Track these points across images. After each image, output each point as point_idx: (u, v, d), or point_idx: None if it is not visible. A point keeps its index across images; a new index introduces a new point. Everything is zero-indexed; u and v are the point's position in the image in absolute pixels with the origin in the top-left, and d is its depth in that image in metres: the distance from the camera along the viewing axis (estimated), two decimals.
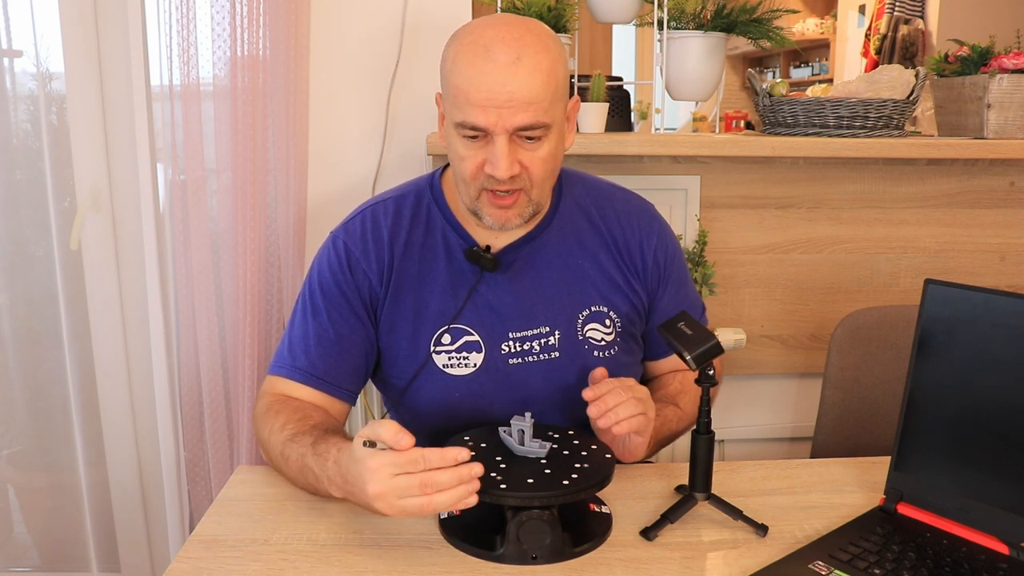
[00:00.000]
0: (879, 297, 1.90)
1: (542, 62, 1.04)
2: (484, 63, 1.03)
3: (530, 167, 1.07)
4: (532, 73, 1.03)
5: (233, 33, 1.60)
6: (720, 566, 0.92)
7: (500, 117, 1.03)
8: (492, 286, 1.18)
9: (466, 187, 1.11)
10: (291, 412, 1.11)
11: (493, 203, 1.10)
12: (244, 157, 1.63)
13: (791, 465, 1.19)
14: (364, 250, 1.18)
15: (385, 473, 0.88)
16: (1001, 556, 0.93)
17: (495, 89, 1.02)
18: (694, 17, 1.80)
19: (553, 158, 1.10)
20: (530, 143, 1.07)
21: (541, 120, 1.05)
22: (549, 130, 1.07)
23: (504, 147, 1.04)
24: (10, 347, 1.85)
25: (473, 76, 1.03)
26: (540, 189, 1.11)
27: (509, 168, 1.05)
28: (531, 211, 1.13)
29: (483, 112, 1.03)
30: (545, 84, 1.04)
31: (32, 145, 1.78)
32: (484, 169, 1.07)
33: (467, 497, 0.88)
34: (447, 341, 1.17)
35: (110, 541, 1.93)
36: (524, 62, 1.03)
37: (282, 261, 1.75)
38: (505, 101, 1.02)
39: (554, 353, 1.18)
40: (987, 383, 0.96)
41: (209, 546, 0.96)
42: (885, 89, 1.80)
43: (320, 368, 1.16)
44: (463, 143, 1.07)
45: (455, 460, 0.88)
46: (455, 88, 1.05)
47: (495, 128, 1.04)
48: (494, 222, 1.11)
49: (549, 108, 1.06)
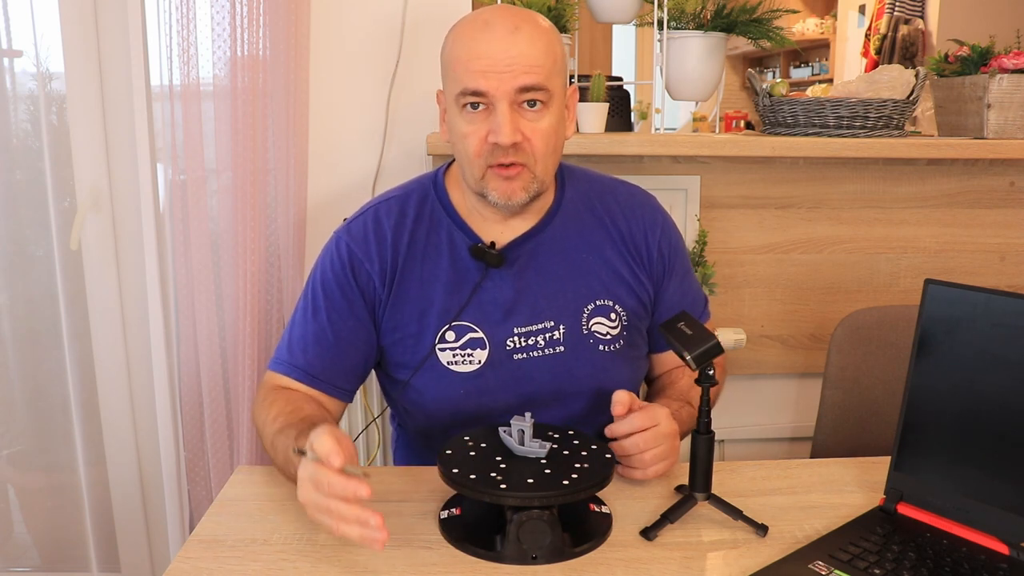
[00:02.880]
0: (879, 297, 1.90)
1: (541, 34, 1.08)
2: (483, 33, 1.06)
3: (532, 138, 1.08)
4: (532, 40, 1.06)
5: (233, 33, 1.60)
6: (720, 566, 0.92)
7: (501, 81, 1.05)
8: (496, 282, 1.18)
9: (471, 166, 1.11)
10: (284, 403, 1.12)
11: (499, 176, 1.10)
12: (244, 157, 1.63)
13: (791, 465, 1.19)
14: (366, 250, 1.18)
15: (308, 485, 0.88)
16: (1001, 556, 0.93)
17: (495, 56, 1.04)
18: (694, 17, 1.80)
19: (554, 134, 1.11)
20: (531, 112, 1.08)
21: (542, 83, 1.06)
22: (550, 99, 1.08)
23: (506, 112, 1.05)
24: (10, 347, 1.86)
25: (473, 46, 1.06)
26: (543, 165, 1.11)
27: (512, 134, 1.06)
28: (535, 188, 1.12)
29: (483, 77, 1.05)
30: (545, 52, 1.07)
31: (32, 145, 1.78)
32: (488, 139, 1.07)
33: (369, 539, 0.84)
34: (451, 338, 1.17)
35: (110, 541, 1.93)
36: (523, 31, 1.06)
37: (282, 261, 1.75)
38: (506, 66, 1.04)
39: (559, 348, 1.18)
40: (987, 383, 0.96)
41: (209, 546, 0.96)
42: (885, 89, 1.80)
43: (317, 367, 1.17)
44: (465, 117, 1.08)
45: (354, 495, 0.84)
46: (454, 61, 1.07)
47: (496, 92, 1.05)
48: (499, 197, 1.11)
49: (550, 75, 1.07)
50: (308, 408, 1.12)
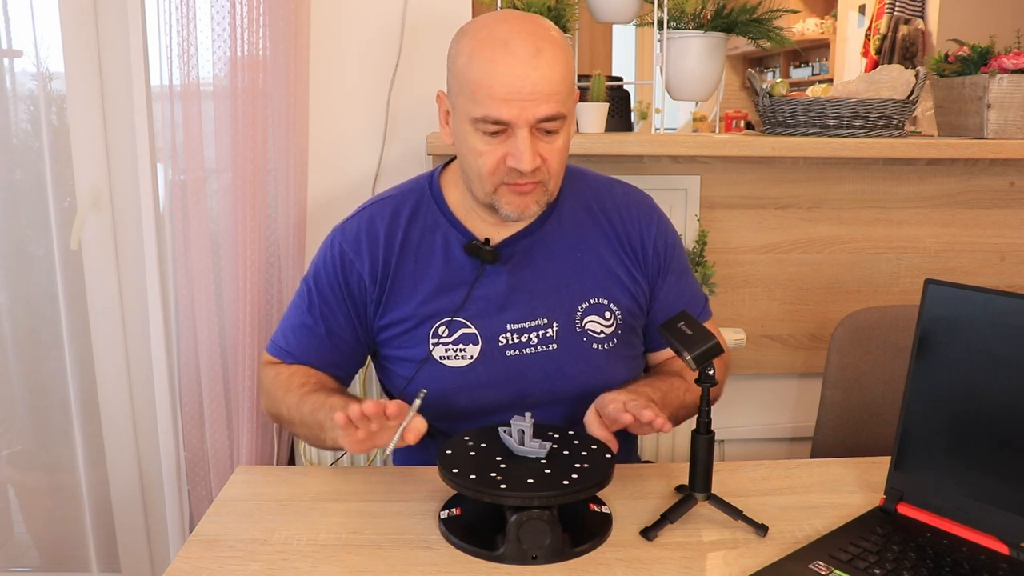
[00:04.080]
0: (879, 297, 1.90)
1: (559, 54, 1.07)
2: (504, 56, 1.04)
3: (549, 159, 1.09)
4: (552, 66, 1.05)
5: (233, 33, 1.60)
6: (720, 566, 0.92)
7: (523, 110, 1.04)
8: (490, 279, 1.18)
9: (482, 182, 1.11)
10: (304, 376, 1.21)
11: (513, 191, 1.10)
12: (244, 157, 1.63)
13: (791, 465, 1.19)
14: (357, 250, 1.20)
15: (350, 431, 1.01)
16: (1001, 556, 0.93)
17: (518, 83, 1.03)
18: (694, 17, 1.80)
19: (567, 150, 1.13)
20: (548, 136, 1.08)
21: (561, 111, 1.07)
22: (565, 121, 1.09)
23: (527, 140, 1.06)
24: (10, 347, 1.85)
25: (494, 70, 1.04)
26: (556, 181, 1.13)
27: (533, 161, 1.06)
28: (546, 201, 1.14)
29: (506, 105, 1.04)
30: (563, 76, 1.07)
31: (32, 145, 1.78)
32: (506, 163, 1.08)
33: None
34: (444, 334, 1.18)
35: (110, 541, 1.93)
36: (544, 55, 1.05)
37: (282, 261, 1.75)
38: (529, 94, 1.04)
39: (552, 345, 1.19)
40: (987, 383, 0.96)
41: (209, 546, 0.96)
42: (885, 89, 1.80)
43: (305, 360, 1.23)
44: (482, 139, 1.08)
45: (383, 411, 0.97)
46: (473, 84, 1.06)
47: (518, 121, 1.05)
48: (513, 211, 1.12)
49: (567, 99, 1.08)
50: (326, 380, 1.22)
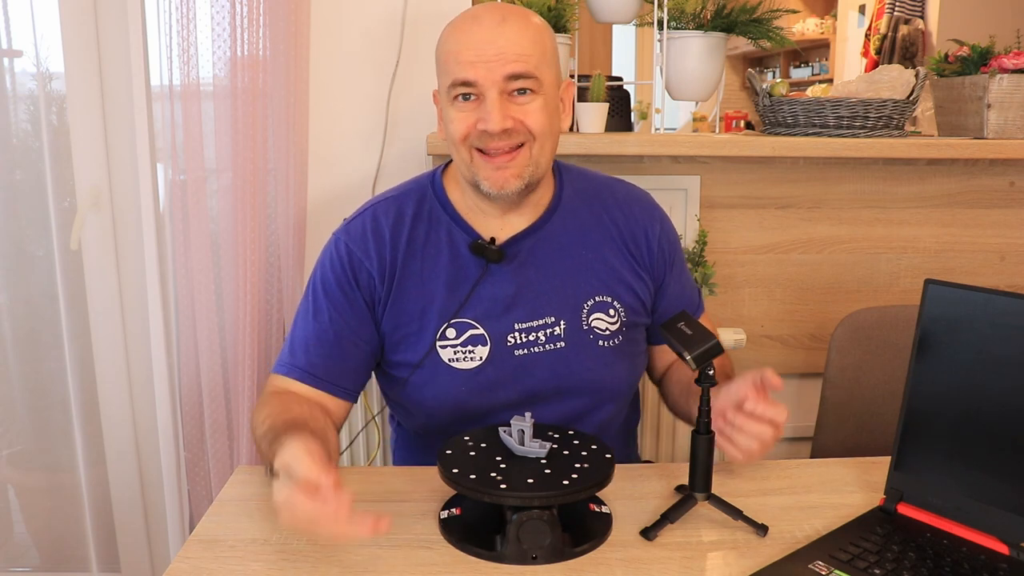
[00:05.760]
0: (879, 297, 1.90)
1: (529, 25, 1.10)
2: (471, 26, 1.09)
3: (525, 119, 1.09)
4: (519, 31, 1.08)
5: (233, 33, 1.60)
6: (720, 566, 0.92)
7: (490, 71, 1.06)
8: (496, 278, 1.18)
9: (458, 151, 1.12)
10: (275, 405, 1.11)
11: (489, 164, 1.11)
12: (244, 157, 1.63)
13: (791, 465, 1.19)
14: (365, 249, 1.18)
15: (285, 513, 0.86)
16: (1001, 556, 0.93)
17: (483, 46, 1.07)
18: (694, 17, 1.80)
19: (548, 118, 1.12)
20: (521, 98, 1.09)
21: (530, 71, 1.08)
22: (540, 88, 1.10)
23: (495, 100, 1.07)
24: (10, 347, 1.86)
25: (461, 37, 1.09)
26: (540, 146, 1.12)
27: (501, 121, 1.07)
28: (531, 171, 1.12)
29: (472, 67, 1.07)
30: (533, 41, 1.09)
31: (32, 145, 1.78)
32: (476, 127, 1.09)
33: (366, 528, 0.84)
34: (452, 335, 1.17)
35: (110, 541, 1.93)
36: (510, 22, 1.08)
37: (282, 261, 1.75)
38: (494, 55, 1.06)
39: (559, 343, 1.18)
40: (987, 383, 0.96)
41: (209, 546, 0.96)
42: (885, 89, 1.80)
43: (319, 368, 1.17)
44: (456, 107, 1.10)
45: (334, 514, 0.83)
46: (445, 55, 1.10)
47: (485, 80, 1.07)
48: (491, 186, 1.12)
49: (539, 65, 1.09)
50: (296, 410, 1.09)
